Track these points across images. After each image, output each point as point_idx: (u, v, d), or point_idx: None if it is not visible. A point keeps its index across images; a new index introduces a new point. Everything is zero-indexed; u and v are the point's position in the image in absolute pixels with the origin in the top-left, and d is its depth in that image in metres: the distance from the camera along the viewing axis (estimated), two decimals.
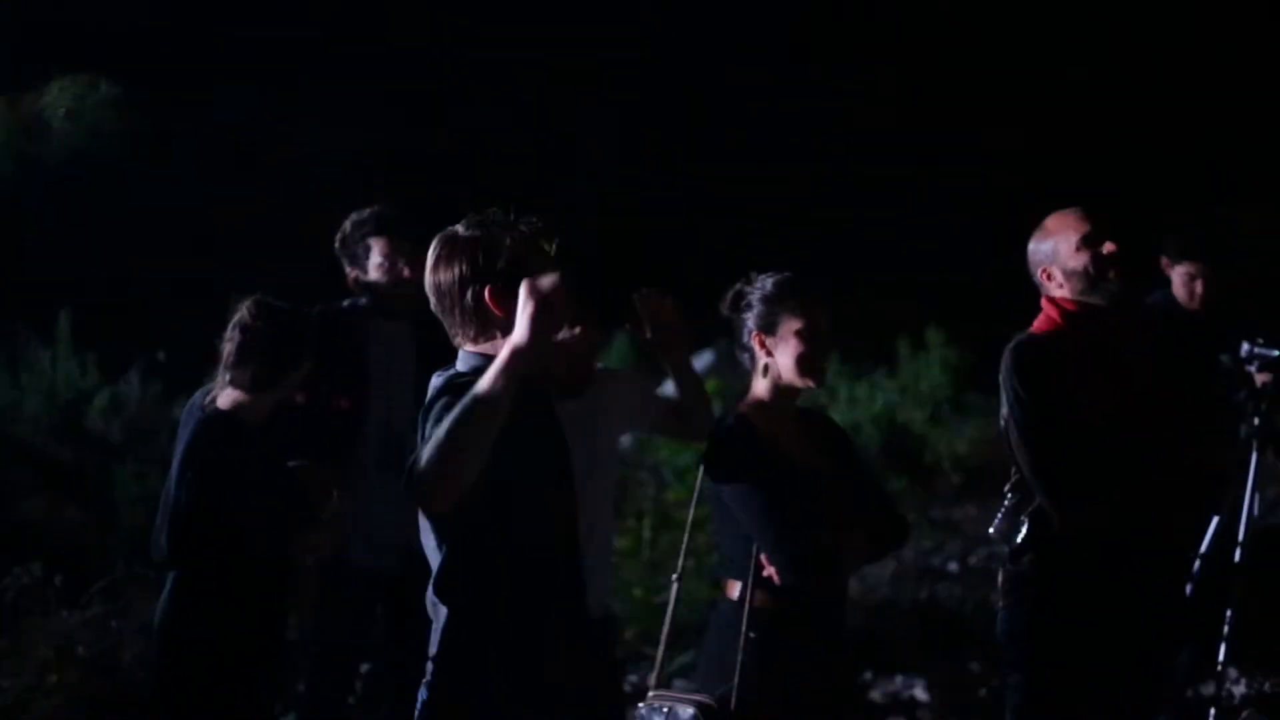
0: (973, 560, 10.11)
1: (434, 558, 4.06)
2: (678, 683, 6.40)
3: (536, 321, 3.67)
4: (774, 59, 17.41)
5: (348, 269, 6.09)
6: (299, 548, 5.43)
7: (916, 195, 16.37)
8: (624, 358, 12.04)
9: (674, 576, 5.07)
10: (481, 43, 16.73)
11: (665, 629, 5.03)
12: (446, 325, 4.09)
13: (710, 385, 11.21)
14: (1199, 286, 6.82)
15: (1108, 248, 4.91)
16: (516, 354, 3.68)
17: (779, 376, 4.85)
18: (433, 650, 4.05)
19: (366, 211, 6.06)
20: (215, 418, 5.31)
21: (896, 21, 17.55)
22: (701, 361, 11.55)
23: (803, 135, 17.09)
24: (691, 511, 5.04)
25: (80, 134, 15.49)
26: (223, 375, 5.32)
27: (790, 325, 4.82)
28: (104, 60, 15.39)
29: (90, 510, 10.00)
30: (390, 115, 15.85)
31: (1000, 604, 5.07)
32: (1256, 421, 6.10)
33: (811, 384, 4.87)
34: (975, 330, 12.21)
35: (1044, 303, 5.05)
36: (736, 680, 4.65)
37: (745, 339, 4.91)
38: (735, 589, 4.74)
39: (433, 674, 4.01)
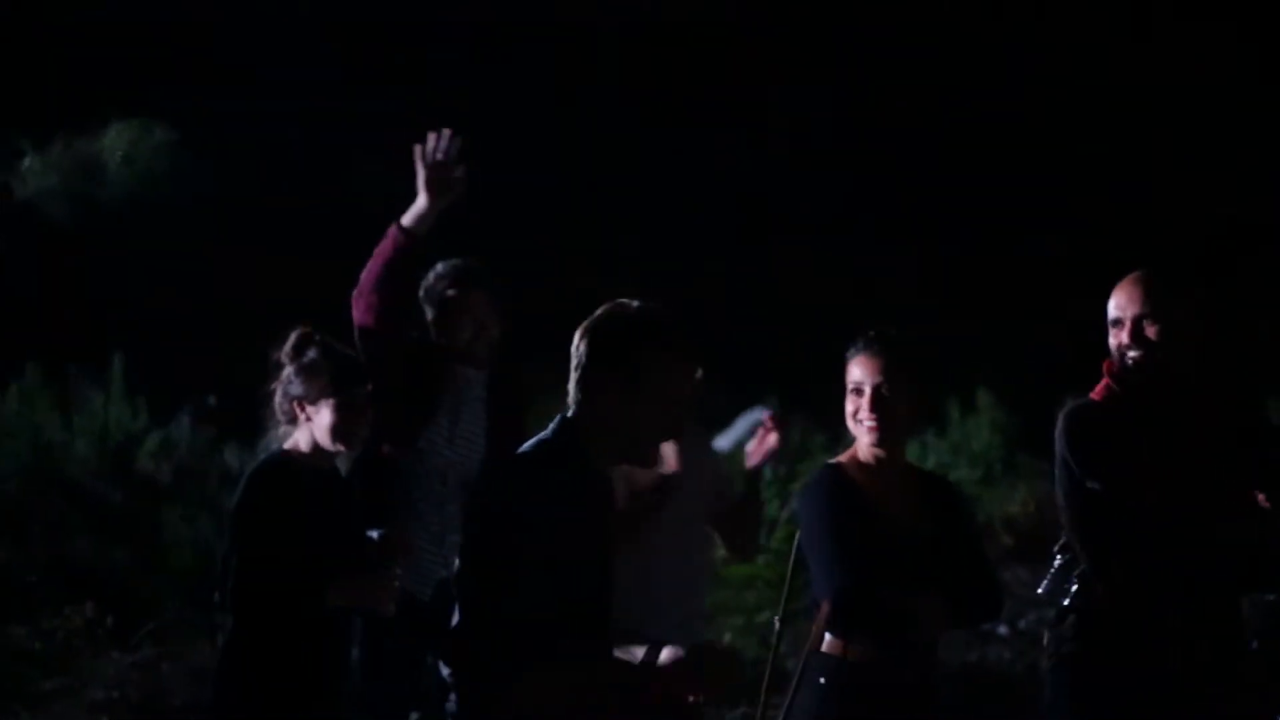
0: (1022, 623, 10.05)
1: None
2: None
3: None
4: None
5: (430, 316, 6.12)
6: (334, 596, 5.31)
7: (962, 254, 16.37)
8: None
9: (775, 618, 5.13)
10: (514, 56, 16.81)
11: (768, 671, 5.06)
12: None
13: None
14: None
15: (1122, 340, 4.86)
16: None
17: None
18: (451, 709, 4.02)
19: (451, 262, 6.12)
20: (270, 460, 5.29)
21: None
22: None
23: (851, 183, 17.14)
24: (793, 555, 5.05)
25: (135, 177, 15.60)
26: (280, 418, 5.29)
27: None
28: (161, 102, 15.51)
29: (139, 552, 10.02)
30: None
31: (1046, 665, 5.04)
32: None
33: (869, 437, 4.88)
34: (1025, 392, 12.20)
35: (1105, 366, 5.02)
36: None
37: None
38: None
39: None
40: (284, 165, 15.23)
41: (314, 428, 5.21)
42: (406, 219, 5.82)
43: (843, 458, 4.94)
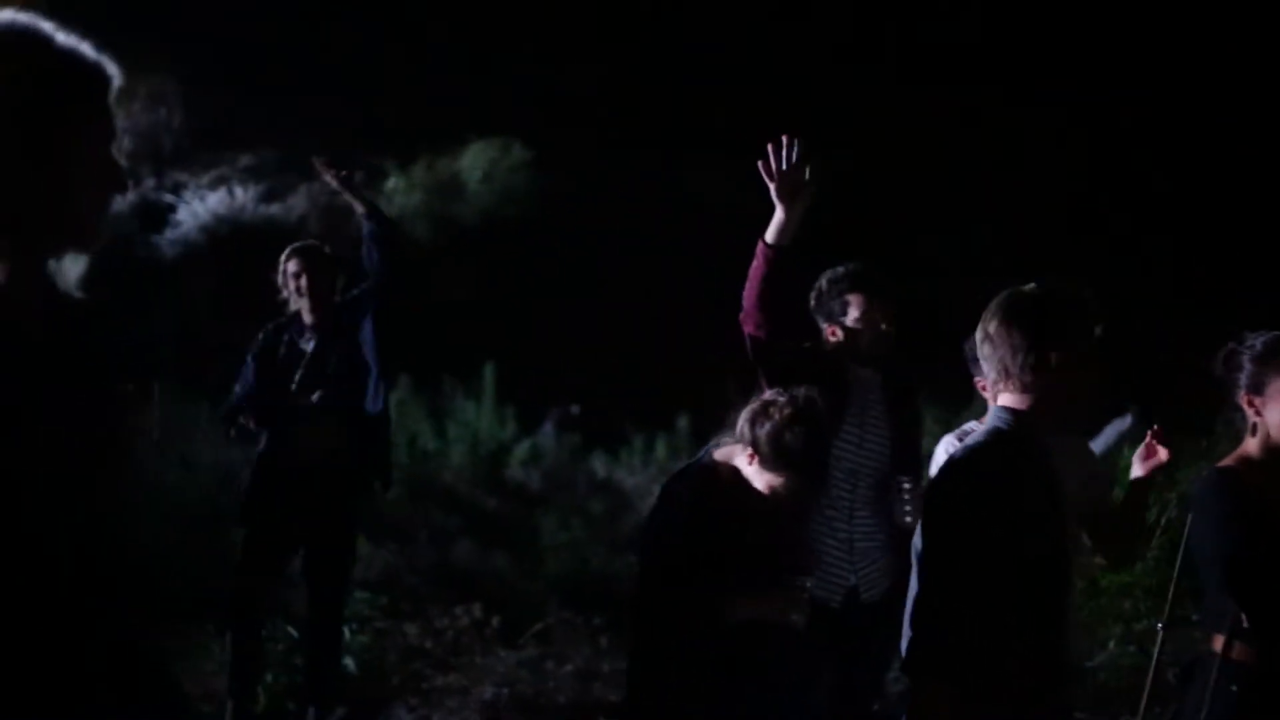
0: None
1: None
2: None
3: None
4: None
5: (824, 325, 6.14)
6: (741, 609, 5.37)
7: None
8: None
9: (1159, 624, 5.04)
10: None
11: (1150, 678, 4.98)
12: (987, 370, 4.14)
13: (1127, 451, 11.07)
14: None
15: None
16: None
17: (1269, 435, 4.76)
18: None
19: (841, 269, 6.10)
20: (695, 468, 5.36)
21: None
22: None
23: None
24: (1179, 564, 4.99)
25: (493, 195, 16.12)
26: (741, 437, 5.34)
27: (1278, 384, 4.72)
28: (518, 125, 16.00)
29: (518, 557, 10.32)
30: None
31: None
32: None
33: None
34: None
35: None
36: None
37: (1236, 399, 4.83)
38: (1218, 642, 4.67)
39: None
40: (632, 177, 15.51)
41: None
42: (770, 234, 5.76)
43: (1230, 461, 4.82)
